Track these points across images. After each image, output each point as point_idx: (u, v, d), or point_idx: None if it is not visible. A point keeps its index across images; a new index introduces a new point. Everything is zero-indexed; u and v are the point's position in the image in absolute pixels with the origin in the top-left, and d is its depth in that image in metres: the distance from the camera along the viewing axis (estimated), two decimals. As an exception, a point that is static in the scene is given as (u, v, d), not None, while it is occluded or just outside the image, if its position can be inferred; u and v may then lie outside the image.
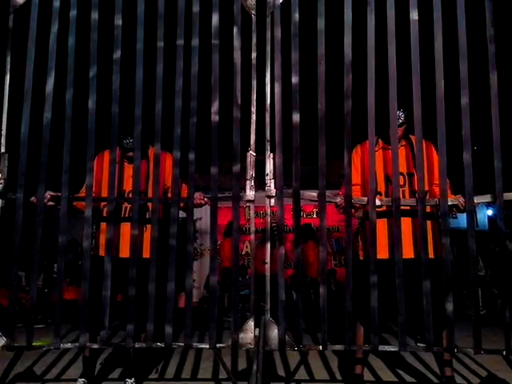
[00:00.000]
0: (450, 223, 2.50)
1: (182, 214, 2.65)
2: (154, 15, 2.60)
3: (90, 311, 2.41)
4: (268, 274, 2.48)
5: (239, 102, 2.57)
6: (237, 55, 2.61)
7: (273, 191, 2.50)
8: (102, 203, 2.68)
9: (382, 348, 2.42)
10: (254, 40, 2.63)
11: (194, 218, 9.63)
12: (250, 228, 2.64)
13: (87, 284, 2.41)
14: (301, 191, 2.50)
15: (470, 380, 2.99)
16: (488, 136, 2.41)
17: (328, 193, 2.52)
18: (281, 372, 3.16)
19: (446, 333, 2.44)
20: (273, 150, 2.54)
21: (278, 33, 2.59)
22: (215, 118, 2.55)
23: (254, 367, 2.25)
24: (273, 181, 2.53)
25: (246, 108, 2.58)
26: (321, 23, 2.54)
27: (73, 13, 2.59)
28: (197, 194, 2.56)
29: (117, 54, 2.57)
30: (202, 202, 2.59)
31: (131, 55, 2.59)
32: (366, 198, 2.51)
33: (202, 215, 9.04)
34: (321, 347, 2.42)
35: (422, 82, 2.47)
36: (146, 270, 2.44)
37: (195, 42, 2.60)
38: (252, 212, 2.54)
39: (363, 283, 2.52)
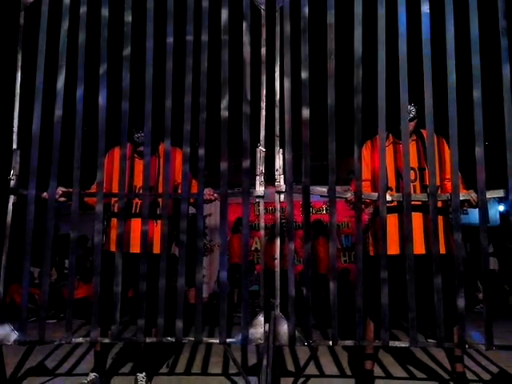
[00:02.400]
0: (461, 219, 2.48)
1: (192, 210, 2.66)
2: (164, 11, 2.60)
3: (101, 306, 2.43)
4: (278, 269, 2.48)
5: (249, 97, 2.56)
6: (246, 51, 2.61)
7: (282, 187, 2.50)
8: (113, 199, 2.70)
9: (392, 344, 2.41)
10: (264, 35, 2.62)
11: (204, 214, 9.68)
12: (259, 224, 2.63)
13: (98, 279, 2.43)
14: (311, 187, 2.49)
15: (481, 376, 2.99)
16: (500, 131, 2.38)
17: (338, 188, 2.51)
18: (290, 367, 3.17)
19: (457, 329, 2.43)
20: (282, 146, 2.53)
21: (287, 28, 2.58)
22: (225, 113, 2.55)
23: (264, 362, 2.25)
24: (282, 176, 2.52)
25: (255, 104, 2.58)
26: (330, 17, 2.53)
27: (83, 9, 2.59)
28: (206, 190, 2.56)
29: (127, 51, 2.57)
30: (212, 197, 2.59)
31: (141, 52, 2.59)
32: (376, 194, 2.50)
33: (212, 211, 9.05)
34: (331, 343, 2.42)
35: (433, 75, 2.44)
36: (157, 265, 2.45)
37: (204, 37, 2.59)
38: (262, 208, 2.54)
39: (373, 279, 2.51)
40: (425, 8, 2.46)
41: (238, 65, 2.61)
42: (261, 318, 2.42)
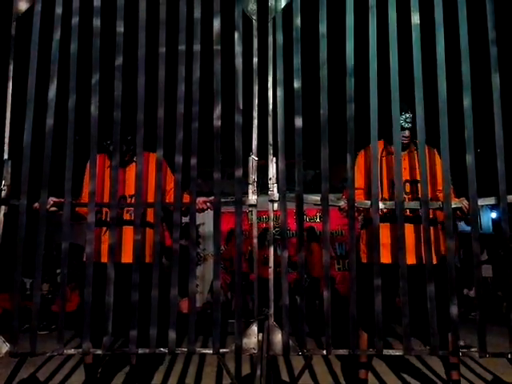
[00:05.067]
0: (457, 226, 2.48)
1: (185, 219, 2.65)
2: (156, 21, 2.61)
3: (92, 317, 2.40)
4: (271, 278, 2.48)
5: (241, 107, 2.57)
6: (238, 60, 2.62)
7: (276, 195, 2.50)
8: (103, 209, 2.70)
9: (386, 352, 2.40)
10: (256, 45, 2.63)
11: (197, 223, 9.64)
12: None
13: (90, 290, 2.41)
14: (304, 195, 2.49)
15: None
16: (491, 138, 2.40)
17: (331, 196, 2.51)
18: (285, 377, 3.15)
19: (451, 336, 2.42)
20: (275, 155, 2.53)
21: (279, 38, 2.59)
22: (217, 123, 2.56)
23: (258, 372, 2.24)
24: (275, 185, 2.52)
25: (247, 113, 2.58)
26: (322, 28, 2.55)
27: (75, 20, 2.59)
28: (199, 199, 2.56)
29: (119, 61, 2.57)
30: (205, 206, 2.59)
31: (133, 61, 2.60)
32: (369, 202, 2.50)
33: (205, 220, 9.03)
34: (325, 352, 2.41)
35: (424, 84, 2.46)
36: (148, 274, 2.43)
37: (197, 47, 2.60)
38: (255, 217, 2.54)
39: (365, 287, 2.51)
40: (415, 18, 2.48)
41: (231, 74, 2.62)
42: (254, 328, 2.40)
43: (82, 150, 2.60)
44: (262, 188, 2.60)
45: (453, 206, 2.43)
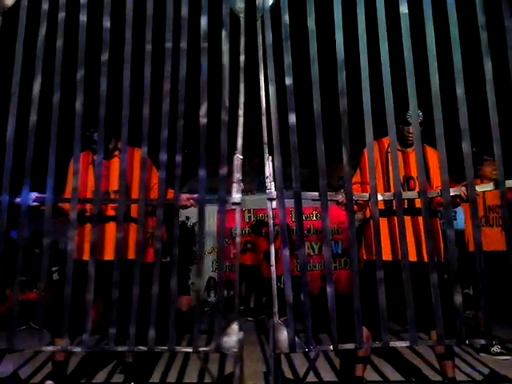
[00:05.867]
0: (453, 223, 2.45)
1: (181, 218, 2.63)
2: (143, 18, 2.60)
3: (72, 315, 2.37)
4: (274, 276, 2.44)
5: (227, 104, 2.56)
6: (225, 58, 2.60)
7: (274, 193, 2.47)
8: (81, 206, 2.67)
9: (392, 344, 2.37)
10: (243, 43, 2.61)
11: (193, 221, 9.62)
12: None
13: (70, 288, 2.39)
14: (302, 192, 2.46)
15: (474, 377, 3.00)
16: (486, 126, 2.37)
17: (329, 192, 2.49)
18: (288, 375, 3.12)
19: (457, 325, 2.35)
20: (271, 153, 2.51)
21: (268, 35, 2.57)
22: (203, 120, 2.54)
23: (237, 371, 2.21)
24: (273, 183, 2.50)
25: (234, 111, 2.57)
26: (311, 23, 2.52)
27: (61, 15, 2.59)
28: (183, 196, 2.54)
29: (105, 56, 2.56)
30: (188, 203, 2.57)
31: (119, 58, 2.58)
32: (367, 194, 2.48)
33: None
34: (331, 347, 2.36)
35: (416, 75, 2.44)
36: (132, 272, 2.40)
37: (183, 45, 2.59)
38: (238, 215, 2.52)
39: (366, 284, 2.49)
40: (403, 8, 2.45)
41: (218, 72, 2.61)
42: (235, 326, 2.36)
43: (66, 146, 2.58)
44: (260, 187, 2.58)
45: (452, 194, 2.40)
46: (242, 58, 2.60)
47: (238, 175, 2.52)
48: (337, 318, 2.29)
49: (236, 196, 2.49)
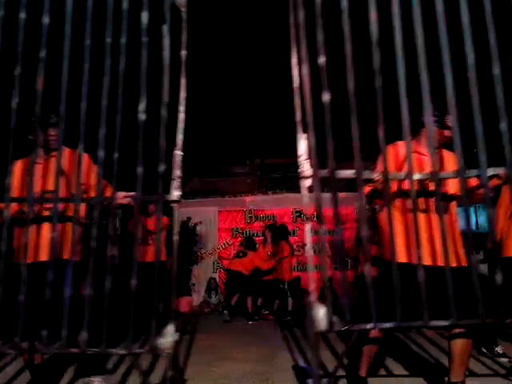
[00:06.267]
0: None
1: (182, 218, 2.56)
2: (83, 13, 2.55)
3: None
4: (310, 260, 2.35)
5: (166, 100, 2.49)
6: (166, 53, 2.54)
7: (308, 171, 2.33)
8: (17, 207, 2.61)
9: (433, 323, 2.27)
10: (184, 38, 2.56)
11: (194, 221, 9.57)
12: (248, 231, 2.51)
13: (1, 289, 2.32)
14: (336, 171, 2.32)
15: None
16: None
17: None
18: None
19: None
20: (305, 131, 2.39)
21: (300, 15, 2.48)
22: (142, 116, 2.48)
23: (169, 373, 2.14)
24: (306, 162, 2.37)
25: (174, 107, 2.51)
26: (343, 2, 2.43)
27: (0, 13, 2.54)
28: (119, 194, 2.48)
29: (43, 53, 2.51)
30: (124, 201, 2.51)
31: (58, 54, 2.53)
32: (402, 173, 2.39)
33: (202, 219, 9.01)
34: (370, 325, 2.27)
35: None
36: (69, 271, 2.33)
37: (123, 40, 2.53)
38: (177, 214, 2.45)
39: (381, 282, 2.46)
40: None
41: (158, 67, 2.55)
42: (171, 328, 2.29)
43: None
44: (260, 187, 2.51)
45: (489, 174, 2.29)
46: (184, 52, 2.55)
47: (177, 172, 2.45)
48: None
49: (175, 194, 2.42)
